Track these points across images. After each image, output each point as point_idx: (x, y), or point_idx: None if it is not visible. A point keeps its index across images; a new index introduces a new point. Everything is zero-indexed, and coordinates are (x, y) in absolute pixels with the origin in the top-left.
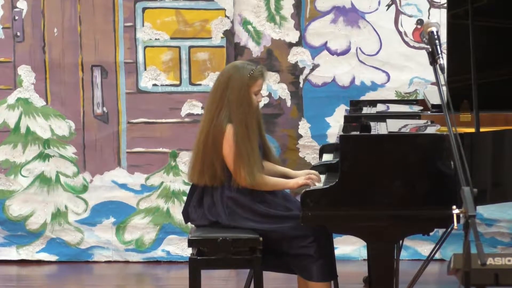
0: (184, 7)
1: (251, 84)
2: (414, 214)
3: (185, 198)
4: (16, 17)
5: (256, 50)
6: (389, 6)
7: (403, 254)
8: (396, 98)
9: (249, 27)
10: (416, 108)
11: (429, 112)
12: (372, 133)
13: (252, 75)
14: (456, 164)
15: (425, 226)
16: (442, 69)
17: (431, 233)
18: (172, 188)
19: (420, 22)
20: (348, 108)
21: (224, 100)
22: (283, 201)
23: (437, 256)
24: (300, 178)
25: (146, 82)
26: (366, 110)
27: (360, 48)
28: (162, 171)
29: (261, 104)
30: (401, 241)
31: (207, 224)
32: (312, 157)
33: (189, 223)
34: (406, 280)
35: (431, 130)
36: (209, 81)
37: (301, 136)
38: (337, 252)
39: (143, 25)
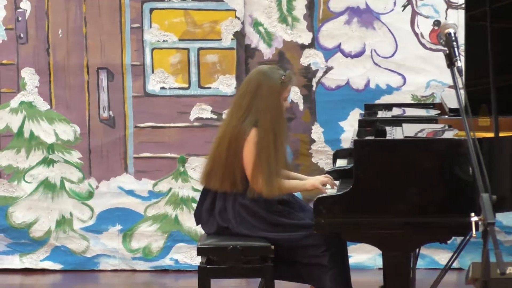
0: (193, 8)
1: (282, 90)
2: (431, 222)
3: (194, 205)
4: (20, 18)
5: (267, 52)
6: (405, 6)
7: (420, 263)
8: (412, 102)
9: (260, 28)
10: (433, 112)
11: (446, 116)
12: (387, 138)
13: (283, 81)
14: (474, 170)
15: (443, 234)
16: (459, 71)
17: (448, 242)
18: (181, 194)
19: (437, 23)
20: (363, 112)
21: (252, 108)
22: (299, 212)
23: (455, 265)
24: (317, 178)
25: (153, 85)
26: (381, 114)
27: (375, 50)
28: (170, 177)
29: None
30: (417, 250)
31: (217, 229)
32: (325, 162)
33: (199, 228)
34: None
35: (448, 134)
36: (218, 84)
37: (314, 141)
38: (351, 260)
39: (150, 26)
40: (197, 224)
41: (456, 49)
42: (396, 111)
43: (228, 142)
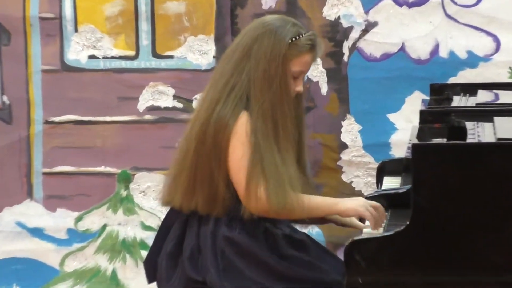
0: None
1: (291, 56)
2: None
3: (144, 253)
4: None
5: None
6: None
7: None
8: (510, 81)
9: None
10: None
11: None
12: (468, 140)
13: (295, 43)
14: None
15: None
16: None
17: None
18: (123, 235)
19: None
20: (427, 98)
21: (242, 74)
22: (320, 261)
23: None
24: (358, 203)
25: (77, 52)
26: (458, 100)
27: None
28: (105, 206)
29: None
30: None
31: (185, 285)
32: (364, 182)
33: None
34: None
35: None
36: (187, 51)
37: (345, 146)
38: None
39: None
40: (150, 281)
41: None
42: (483, 96)
43: (201, 128)
